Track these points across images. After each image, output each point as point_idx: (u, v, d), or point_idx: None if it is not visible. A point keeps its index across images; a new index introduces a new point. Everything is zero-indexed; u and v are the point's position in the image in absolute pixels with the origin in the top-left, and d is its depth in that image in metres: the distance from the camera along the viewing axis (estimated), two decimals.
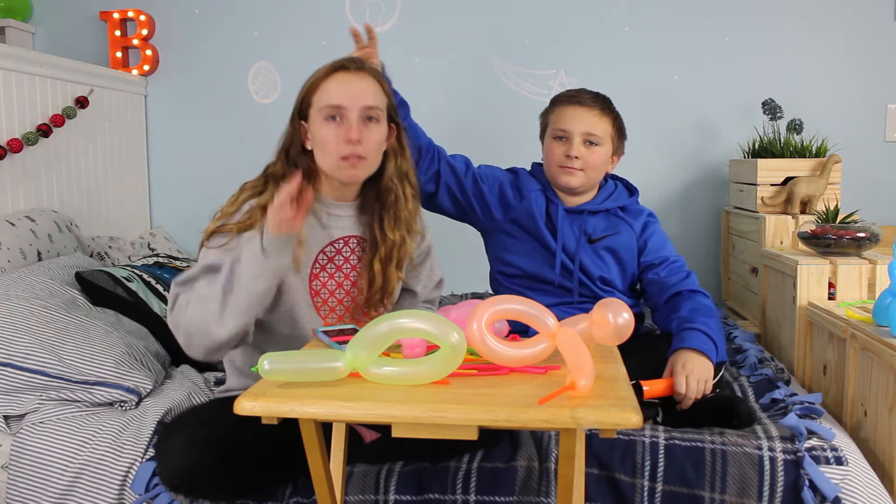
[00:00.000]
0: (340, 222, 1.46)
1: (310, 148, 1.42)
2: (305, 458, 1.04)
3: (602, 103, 1.75)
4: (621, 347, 1.10)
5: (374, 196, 1.47)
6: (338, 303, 1.45)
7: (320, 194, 1.46)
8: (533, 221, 1.77)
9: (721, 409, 1.49)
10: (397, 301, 1.58)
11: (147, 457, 1.48)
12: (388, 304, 1.50)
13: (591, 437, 1.35)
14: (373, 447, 1.40)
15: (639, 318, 1.84)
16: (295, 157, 1.43)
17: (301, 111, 1.43)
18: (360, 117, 1.37)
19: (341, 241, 1.46)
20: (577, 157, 1.71)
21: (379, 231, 1.44)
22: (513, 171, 1.87)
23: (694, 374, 1.47)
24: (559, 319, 1.02)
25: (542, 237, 1.76)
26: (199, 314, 1.29)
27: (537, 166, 1.87)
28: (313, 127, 1.40)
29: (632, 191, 1.86)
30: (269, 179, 1.42)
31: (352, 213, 1.47)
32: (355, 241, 1.47)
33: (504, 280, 1.82)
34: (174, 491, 1.35)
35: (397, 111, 1.47)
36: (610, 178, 1.87)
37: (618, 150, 1.79)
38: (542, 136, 1.85)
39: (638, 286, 1.85)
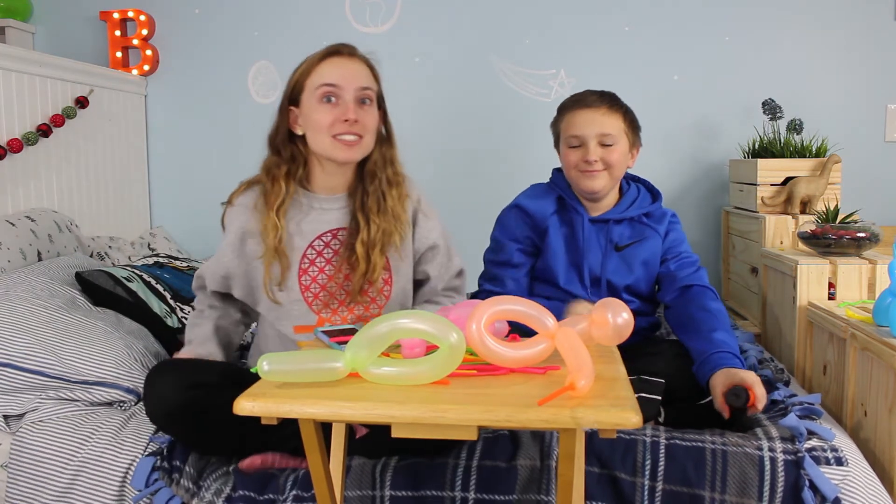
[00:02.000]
0: (328, 216, 1.48)
1: (300, 133, 1.45)
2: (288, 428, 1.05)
3: (609, 101, 1.72)
4: (630, 349, 1.09)
5: (358, 182, 1.49)
6: (330, 296, 1.46)
7: (310, 188, 1.49)
8: (554, 255, 1.75)
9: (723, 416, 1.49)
10: (414, 293, 1.58)
11: (147, 452, 1.48)
12: (383, 294, 1.49)
13: (592, 436, 1.35)
14: (364, 442, 1.40)
15: (654, 326, 1.84)
16: (279, 143, 1.46)
17: (292, 97, 1.45)
18: (355, 98, 1.40)
19: (329, 234, 1.47)
20: (595, 161, 1.68)
21: (362, 216, 1.46)
22: (519, 211, 1.78)
23: (757, 381, 1.47)
24: None
25: (560, 283, 1.75)
26: None
27: (557, 173, 1.84)
28: (306, 110, 1.43)
29: (655, 195, 1.83)
30: (262, 170, 1.48)
31: (341, 204, 1.49)
32: (344, 232, 1.48)
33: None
34: (161, 429, 1.42)
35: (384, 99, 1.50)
36: (632, 181, 1.84)
37: (634, 143, 1.76)
38: (556, 145, 1.81)
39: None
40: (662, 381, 1.50)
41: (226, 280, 1.53)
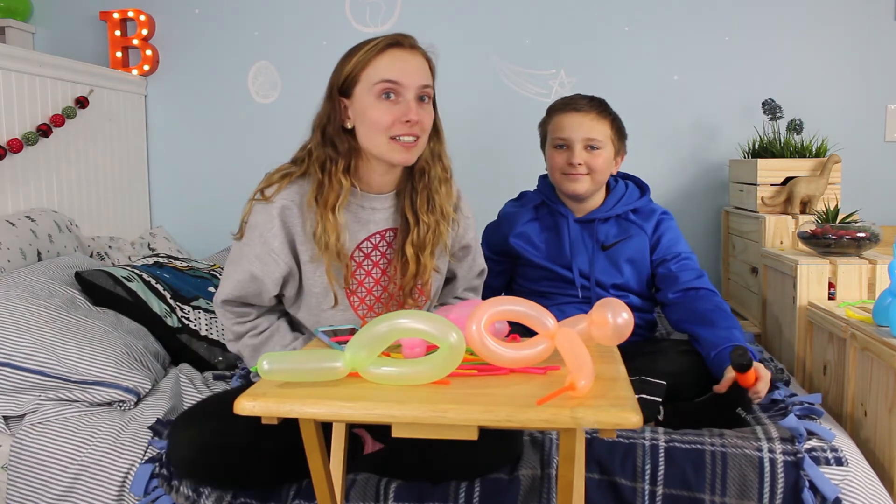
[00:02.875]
0: (377, 216, 1.40)
1: (350, 127, 1.35)
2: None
3: (598, 107, 1.75)
4: (628, 348, 1.09)
5: (407, 179, 1.41)
6: (375, 300, 1.41)
7: (358, 187, 1.38)
8: (528, 259, 1.80)
9: (727, 401, 1.49)
10: (441, 290, 1.54)
11: (146, 458, 1.48)
12: (425, 294, 1.44)
13: (592, 441, 1.35)
14: (373, 459, 1.38)
15: (651, 325, 1.83)
16: (333, 135, 1.34)
17: (343, 88, 1.34)
18: (416, 96, 1.31)
19: (377, 235, 1.40)
20: (580, 164, 1.72)
21: (412, 215, 1.38)
22: (497, 219, 1.92)
23: (767, 375, 1.48)
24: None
25: (544, 267, 1.78)
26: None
27: (542, 179, 1.88)
28: (360, 104, 1.32)
29: (643, 189, 1.85)
30: (306, 158, 1.36)
31: (389, 204, 1.41)
32: (392, 233, 1.41)
33: (525, 283, 1.84)
34: (183, 476, 1.36)
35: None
36: (620, 177, 1.86)
37: (619, 150, 1.79)
38: (542, 146, 1.85)
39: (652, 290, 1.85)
40: (664, 382, 1.50)
41: (284, 279, 1.39)
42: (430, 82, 1.35)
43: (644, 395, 1.48)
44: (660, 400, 1.48)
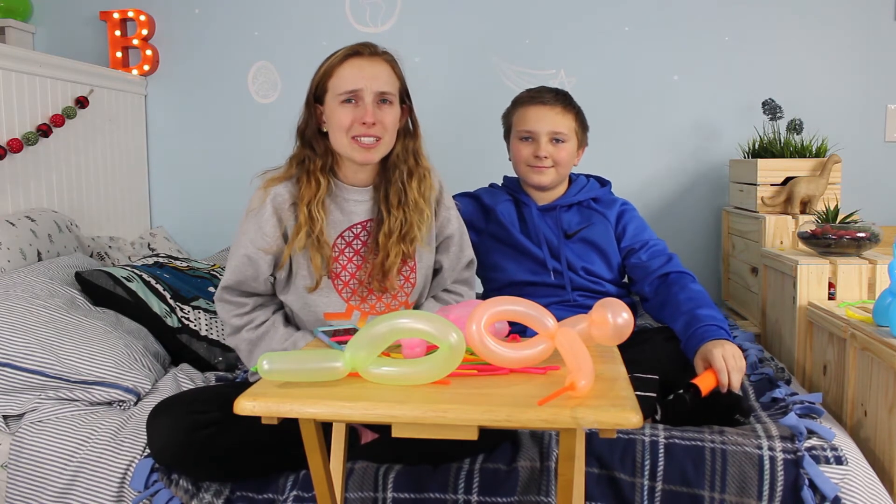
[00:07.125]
0: (359, 207, 1.50)
1: (325, 130, 1.47)
2: (293, 450, 1.04)
3: (563, 100, 1.78)
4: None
5: (382, 174, 1.51)
6: (359, 284, 1.49)
7: (340, 179, 1.50)
8: (507, 232, 1.82)
9: (724, 405, 1.49)
10: (432, 283, 1.60)
11: (146, 453, 1.48)
12: (401, 280, 1.50)
13: (592, 437, 1.35)
14: (370, 449, 1.40)
15: (631, 308, 1.84)
16: (310, 138, 1.47)
17: (317, 95, 1.47)
18: (374, 100, 1.42)
19: (359, 225, 1.49)
20: (545, 157, 1.76)
21: (385, 207, 1.48)
22: (473, 195, 1.94)
23: (727, 352, 1.47)
24: (556, 317, 1.02)
25: (519, 244, 1.80)
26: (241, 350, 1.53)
27: (507, 178, 1.93)
28: (329, 110, 1.45)
29: (603, 182, 1.91)
30: (292, 161, 1.49)
31: (368, 197, 1.51)
32: (372, 224, 1.50)
33: (494, 294, 1.83)
34: (166, 465, 1.39)
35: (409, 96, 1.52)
36: (582, 175, 1.92)
37: (582, 143, 1.84)
38: (506, 137, 1.89)
39: (625, 278, 1.87)
40: (656, 377, 1.50)
41: (276, 261, 1.48)
42: (389, 87, 1.45)
43: (638, 393, 1.48)
44: (654, 395, 1.48)
